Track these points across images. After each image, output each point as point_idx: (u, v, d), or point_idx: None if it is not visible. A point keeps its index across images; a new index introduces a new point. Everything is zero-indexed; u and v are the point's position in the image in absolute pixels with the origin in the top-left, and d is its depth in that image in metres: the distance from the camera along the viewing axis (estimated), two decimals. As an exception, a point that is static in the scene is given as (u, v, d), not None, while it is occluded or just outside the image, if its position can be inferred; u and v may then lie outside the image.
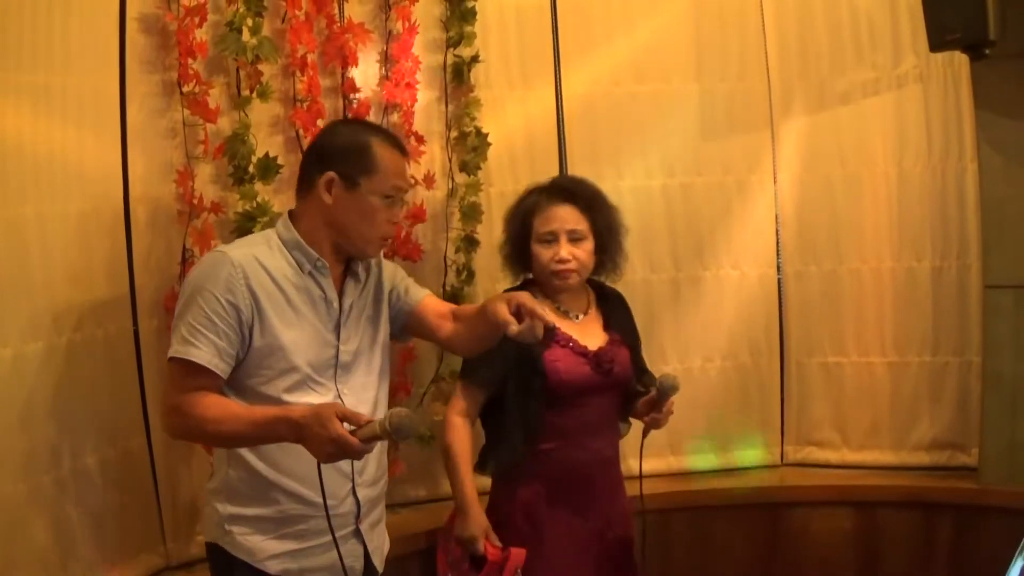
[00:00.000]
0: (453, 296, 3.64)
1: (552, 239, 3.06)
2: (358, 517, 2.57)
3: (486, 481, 3.17)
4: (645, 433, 3.06)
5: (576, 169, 3.83)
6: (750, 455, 4.09)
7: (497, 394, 3.09)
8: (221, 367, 2.36)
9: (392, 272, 2.76)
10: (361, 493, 2.56)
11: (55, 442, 2.74)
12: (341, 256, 2.57)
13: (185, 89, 3.12)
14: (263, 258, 2.45)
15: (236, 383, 2.43)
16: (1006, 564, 1.93)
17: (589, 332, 3.13)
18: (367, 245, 2.54)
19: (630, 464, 3.29)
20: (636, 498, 3.13)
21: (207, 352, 2.34)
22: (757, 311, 4.05)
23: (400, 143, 2.61)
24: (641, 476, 3.08)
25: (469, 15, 3.65)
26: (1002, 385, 3.66)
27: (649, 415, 3.02)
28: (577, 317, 3.15)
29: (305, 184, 2.53)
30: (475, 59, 3.66)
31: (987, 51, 3.31)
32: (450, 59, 3.66)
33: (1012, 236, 3.63)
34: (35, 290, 2.71)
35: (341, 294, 2.56)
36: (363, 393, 2.60)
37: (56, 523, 2.72)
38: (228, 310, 2.36)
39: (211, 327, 2.34)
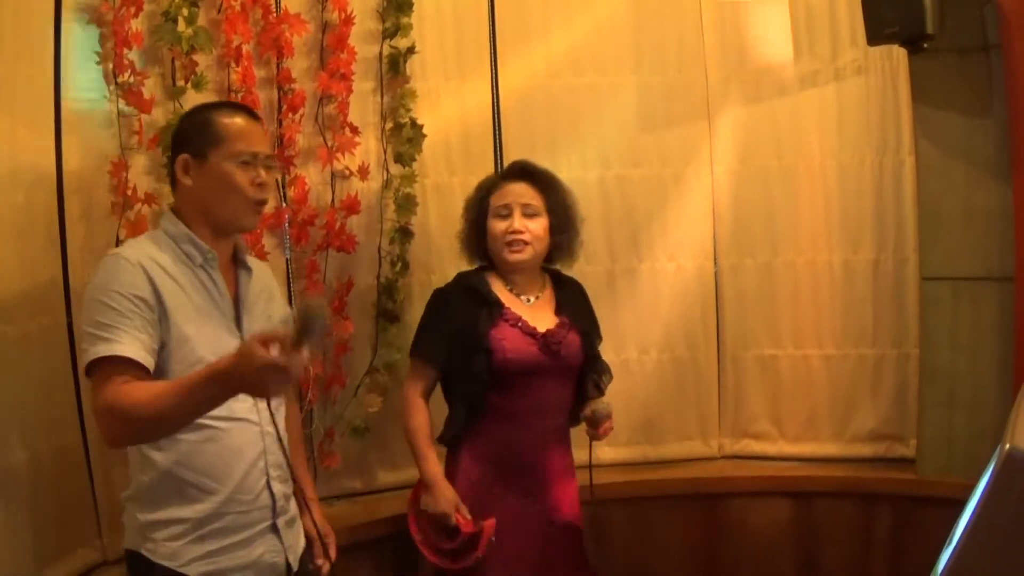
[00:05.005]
0: (388, 287, 3.77)
1: (507, 213, 3.26)
2: (275, 512, 2.65)
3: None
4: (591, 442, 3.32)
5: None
6: (687, 447, 4.21)
7: (449, 369, 3.29)
8: (148, 360, 2.38)
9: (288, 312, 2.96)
10: (276, 488, 2.65)
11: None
12: (225, 244, 2.69)
13: (120, 79, 3.22)
14: (155, 256, 2.54)
15: None
16: (941, 554, 2.01)
17: (540, 315, 3.31)
18: (238, 214, 2.64)
19: (578, 454, 3.46)
20: (585, 487, 3.35)
21: (129, 345, 2.35)
22: (693, 303, 4.17)
23: (247, 110, 2.74)
24: (591, 474, 3.30)
25: (405, 6, 3.76)
26: (939, 377, 3.83)
27: (588, 430, 3.26)
28: (529, 300, 3.34)
29: (172, 178, 2.69)
30: (411, 50, 3.78)
31: (925, 45, 3.48)
32: (386, 50, 3.78)
33: (948, 229, 3.78)
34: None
35: (236, 285, 2.70)
36: None
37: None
38: (139, 304, 2.41)
39: (126, 322, 2.37)
